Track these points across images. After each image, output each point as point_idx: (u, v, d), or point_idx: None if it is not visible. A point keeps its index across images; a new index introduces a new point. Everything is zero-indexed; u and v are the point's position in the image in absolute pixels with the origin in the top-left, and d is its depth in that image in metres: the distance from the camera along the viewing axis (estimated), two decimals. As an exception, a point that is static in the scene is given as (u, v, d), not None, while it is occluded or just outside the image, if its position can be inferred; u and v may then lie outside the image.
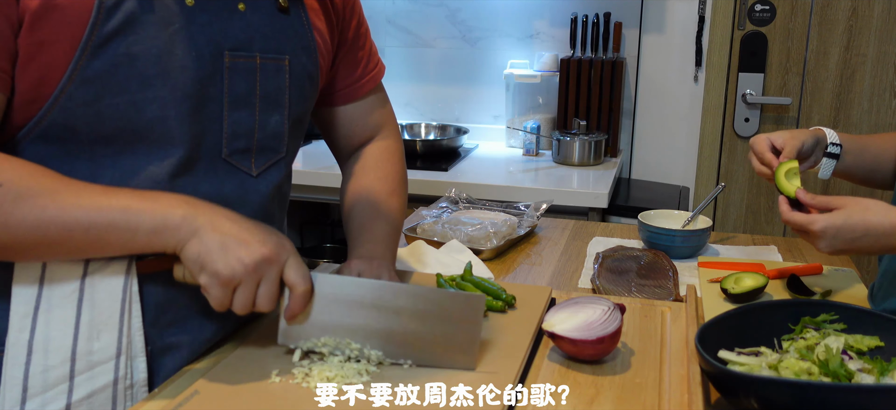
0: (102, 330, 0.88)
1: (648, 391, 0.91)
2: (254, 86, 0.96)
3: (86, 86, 0.82)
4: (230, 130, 0.95)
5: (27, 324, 0.85)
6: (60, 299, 0.86)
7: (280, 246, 0.86)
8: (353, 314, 0.92)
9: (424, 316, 0.93)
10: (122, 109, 0.85)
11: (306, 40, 1.02)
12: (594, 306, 1.00)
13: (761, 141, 1.24)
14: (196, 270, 0.84)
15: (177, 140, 0.89)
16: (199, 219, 0.84)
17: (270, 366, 0.92)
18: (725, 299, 1.21)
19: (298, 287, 0.87)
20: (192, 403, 0.84)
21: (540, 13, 2.72)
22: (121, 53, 0.83)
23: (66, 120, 0.84)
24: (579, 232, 1.67)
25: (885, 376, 0.84)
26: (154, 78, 0.86)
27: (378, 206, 1.16)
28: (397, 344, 0.93)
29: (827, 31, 2.51)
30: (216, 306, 0.85)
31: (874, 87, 2.50)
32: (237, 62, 0.93)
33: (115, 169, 0.87)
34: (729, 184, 2.69)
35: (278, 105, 0.99)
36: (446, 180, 2.29)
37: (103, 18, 0.82)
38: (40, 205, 0.80)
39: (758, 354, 0.91)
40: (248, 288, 0.84)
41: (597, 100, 2.56)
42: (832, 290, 1.25)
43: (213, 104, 0.92)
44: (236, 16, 0.93)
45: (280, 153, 1.02)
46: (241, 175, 0.97)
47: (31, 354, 0.85)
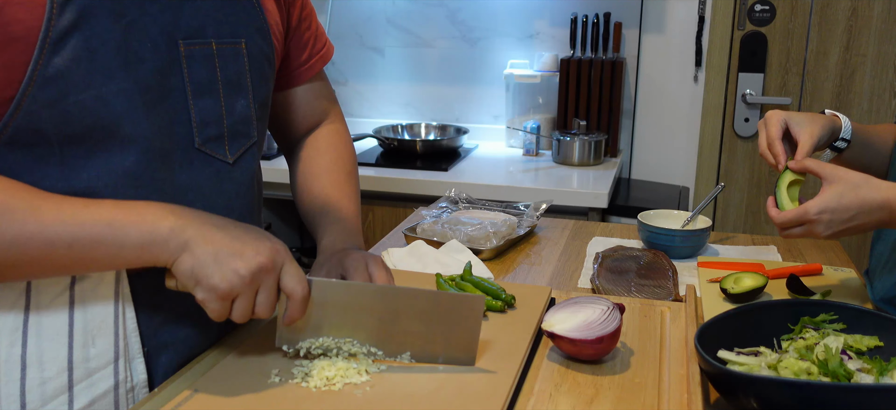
0: (97, 335, 0.86)
1: (648, 391, 0.91)
2: (214, 72, 0.94)
3: (48, 86, 0.79)
4: (198, 118, 0.93)
5: (17, 338, 0.82)
6: (50, 308, 0.84)
7: (275, 252, 0.84)
8: (352, 316, 0.92)
9: (423, 317, 0.93)
10: (89, 105, 0.81)
11: (259, 21, 1.01)
12: (594, 306, 1.00)
13: (775, 123, 1.19)
14: (191, 284, 0.82)
15: (146, 132, 0.87)
16: (188, 231, 0.81)
17: (270, 366, 0.92)
18: (725, 299, 1.21)
19: (297, 293, 0.86)
20: (191, 403, 0.84)
21: (540, 13, 2.72)
22: (80, 48, 0.80)
23: (31, 123, 0.80)
24: (579, 232, 1.67)
25: (884, 376, 0.84)
26: (116, 70, 0.83)
27: (337, 189, 1.16)
28: (397, 345, 0.94)
29: (827, 31, 2.51)
30: (215, 317, 0.83)
31: (874, 87, 2.50)
32: (193, 50, 0.92)
33: (88, 169, 0.84)
34: (729, 184, 2.69)
35: (242, 89, 0.98)
36: (446, 180, 2.29)
37: (57, 14, 0.78)
38: (19, 220, 0.77)
39: (757, 354, 0.91)
40: (247, 298, 0.83)
41: (597, 100, 2.56)
42: (832, 290, 1.25)
43: (177, 93, 0.90)
44: (187, 3, 0.91)
45: (252, 138, 1.02)
46: (218, 163, 0.96)
47: (25, 368, 0.83)
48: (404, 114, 2.93)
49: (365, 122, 2.91)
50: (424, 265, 1.36)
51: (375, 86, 2.92)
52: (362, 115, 2.96)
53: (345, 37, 2.90)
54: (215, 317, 0.83)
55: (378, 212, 2.35)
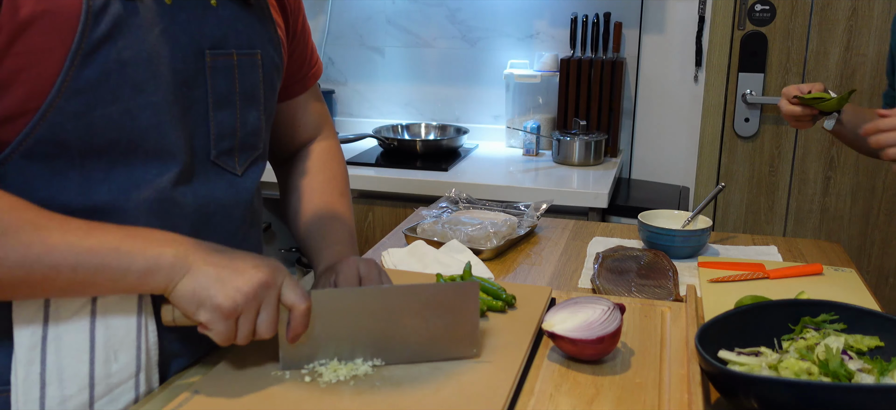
0: (120, 350, 0.85)
1: (648, 391, 0.91)
2: (233, 84, 0.94)
3: (77, 97, 0.78)
4: (216, 131, 0.93)
5: (36, 356, 0.80)
6: (70, 324, 0.82)
7: (275, 269, 0.85)
8: (354, 323, 0.92)
9: (423, 312, 0.93)
10: (116, 118, 0.80)
11: (271, 32, 1.01)
12: (594, 306, 1.00)
13: (791, 87, 1.52)
14: (193, 308, 0.81)
15: (171, 146, 0.86)
16: (191, 257, 0.81)
17: (270, 366, 0.92)
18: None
19: (299, 306, 0.86)
20: (192, 403, 0.84)
21: (540, 13, 2.72)
22: (111, 59, 0.79)
23: (54, 135, 0.78)
24: (579, 232, 1.67)
25: (884, 376, 0.84)
26: (145, 83, 0.82)
27: (333, 208, 1.16)
28: (401, 346, 0.94)
29: (827, 31, 2.51)
30: (220, 341, 0.83)
31: (874, 87, 2.50)
32: (217, 61, 0.91)
33: (108, 183, 0.83)
34: (729, 184, 2.69)
35: (255, 101, 0.98)
36: (446, 180, 2.29)
37: (92, 24, 0.77)
38: (24, 241, 0.75)
39: (758, 354, 0.91)
40: (250, 316, 0.83)
41: (597, 100, 2.56)
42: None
43: (199, 106, 0.90)
44: (210, 12, 0.90)
45: (259, 149, 1.01)
46: (229, 176, 0.96)
47: (44, 386, 0.80)
48: (404, 114, 2.93)
49: (365, 122, 2.91)
50: (425, 265, 1.36)
51: (375, 86, 2.92)
52: (362, 115, 2.96)
53: (345, 37, 2.90)
54: (220, 341, 0.83)
55: (378, 212, 2.35)
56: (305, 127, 1.22)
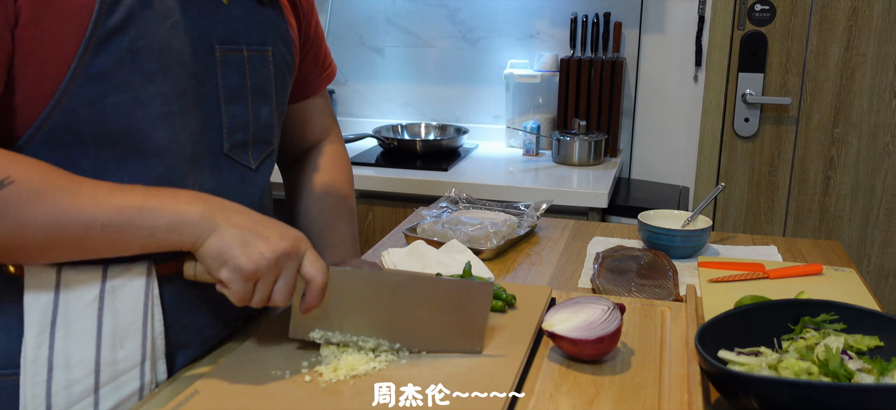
0: (126, 338, 0.87)
1: (648, 391, 0.91)
2: (244, 78, 0.96)
3: (90, 84, 0.80)
4: (228, 124, 0.95)
5: (44, 340, 0.83)
6: (79, 310, 0.84)
7: (298, 239, 0.87)
8: (366, 305, 0.93)
9: (436, 304, 0.95)
10: (127, 107, 0.83)
11: (283, 31, 1.03)
12: (594, 306, 1.00)
13: None
14: (216, 266, 0.83)
15: (180, 137, 0.89)
16: (217, 216, 0.84)
17: (270, 365, 0.92)
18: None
19: (317, 280, 0.87)
20: (192, 403, 0.84)
21: (540, 13, 2.72)
22: (124, 49, 0.82)
23: (69, 122, 0.81)
24: (579, 232, 1.67)
25: (884, 376, 0.84)
26: (156, 73, 0.85)
27: (337, 210, 1.19)
28: (405, 332, 0.95)
29: (827, 31, 2.51)
30: (236, 300, 0.85)
31: (874, 87, 2.50)
32: (227, 55, 0.93)
33: (121, 174, 0.85)
34: (729, 184, 2.69)
35: (267, 96, 1.00)
36: (446, 180, 2.29)
37: (105, 13, 0.80)
38: (56, 203, 0.78)
39: (758, 354, 0.91)
40: (268, 281, 0.85)
41: (597, 100, 2.56)
42: (832, 290, 1.25)
43: (210, 99, 0.92)
44: (221, 9, 0.93)
45: (272, 145, 1.04)
46: (242, 169, 0.98)
47: (51, 370, 0.83)
48: (404, 114, 2.93)
49: (365, 122, 2.91)
50: (425, 265, 1.36)
51: (375, 86, 2.92)
52: (362, 115, 2.96)
53: (345, 37, 2.90)
54: (236, 300, 0.85)
55: (378, 212, 2.35)
56: (315, 129, 1.24)
